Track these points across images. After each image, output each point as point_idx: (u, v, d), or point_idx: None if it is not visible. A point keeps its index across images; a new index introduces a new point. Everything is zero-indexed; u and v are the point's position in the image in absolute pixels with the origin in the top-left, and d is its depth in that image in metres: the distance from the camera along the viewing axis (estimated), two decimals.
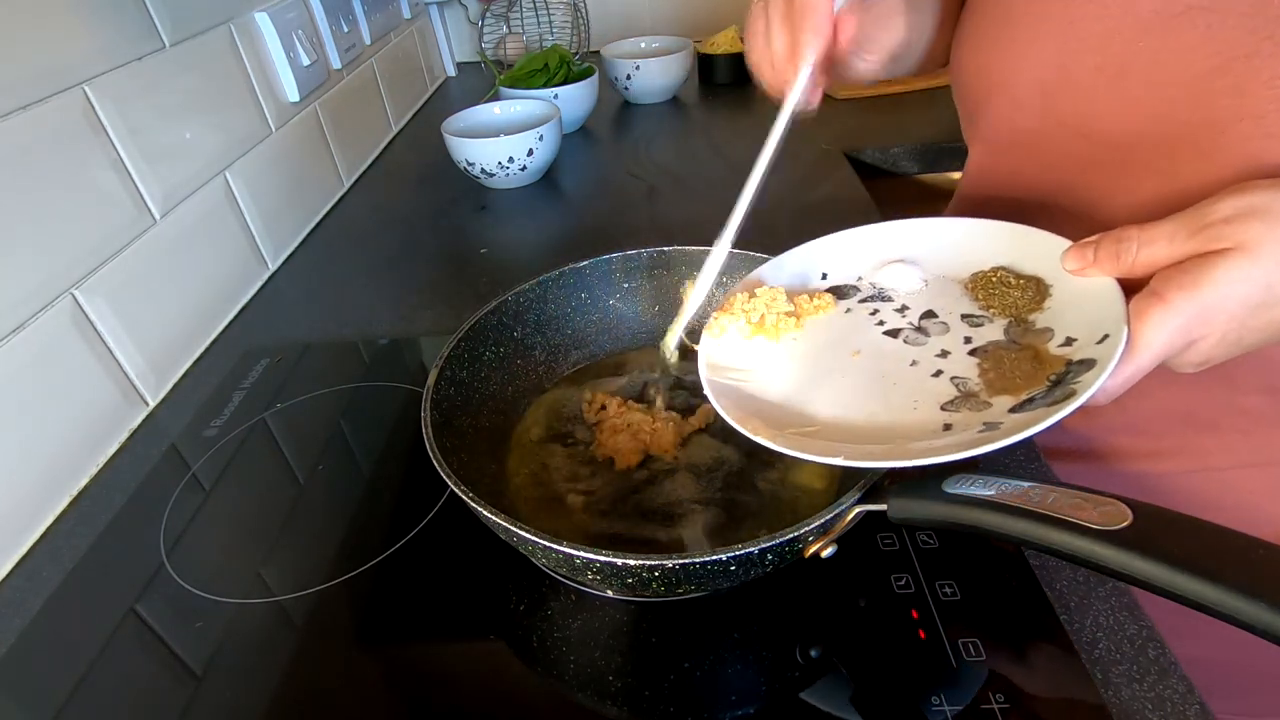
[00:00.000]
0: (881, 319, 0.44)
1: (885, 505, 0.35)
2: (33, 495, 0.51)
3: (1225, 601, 0.25)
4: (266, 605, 0.44)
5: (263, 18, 0.80)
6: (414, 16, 1.26)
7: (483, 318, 0.51)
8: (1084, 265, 0.36)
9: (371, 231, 0.89)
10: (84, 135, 0.56)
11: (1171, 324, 0.31)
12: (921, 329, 0.42)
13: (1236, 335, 0.32)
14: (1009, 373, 0.37)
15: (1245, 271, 0.30)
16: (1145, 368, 0.32)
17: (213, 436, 0.57)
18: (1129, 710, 0.35)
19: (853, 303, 0.46)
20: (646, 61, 1.14)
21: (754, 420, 0.38)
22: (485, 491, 0.38)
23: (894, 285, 0.45)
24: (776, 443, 0.35)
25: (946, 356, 0.40)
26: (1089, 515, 0.29)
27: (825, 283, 0.48)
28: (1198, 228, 0.32)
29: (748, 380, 0.42)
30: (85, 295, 0.55)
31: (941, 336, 0.41)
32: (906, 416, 0.37)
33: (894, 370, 0.40)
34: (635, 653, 0.39)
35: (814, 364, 0.43)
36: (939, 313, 0.43)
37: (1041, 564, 0.42)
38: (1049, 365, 0.36)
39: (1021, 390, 0.36)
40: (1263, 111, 0.36)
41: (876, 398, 0.39)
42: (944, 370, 0.39)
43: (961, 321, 0.41)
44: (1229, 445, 0.46)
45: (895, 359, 0.41)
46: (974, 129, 0.54)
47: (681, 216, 0.85)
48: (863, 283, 0.47)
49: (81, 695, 0.40)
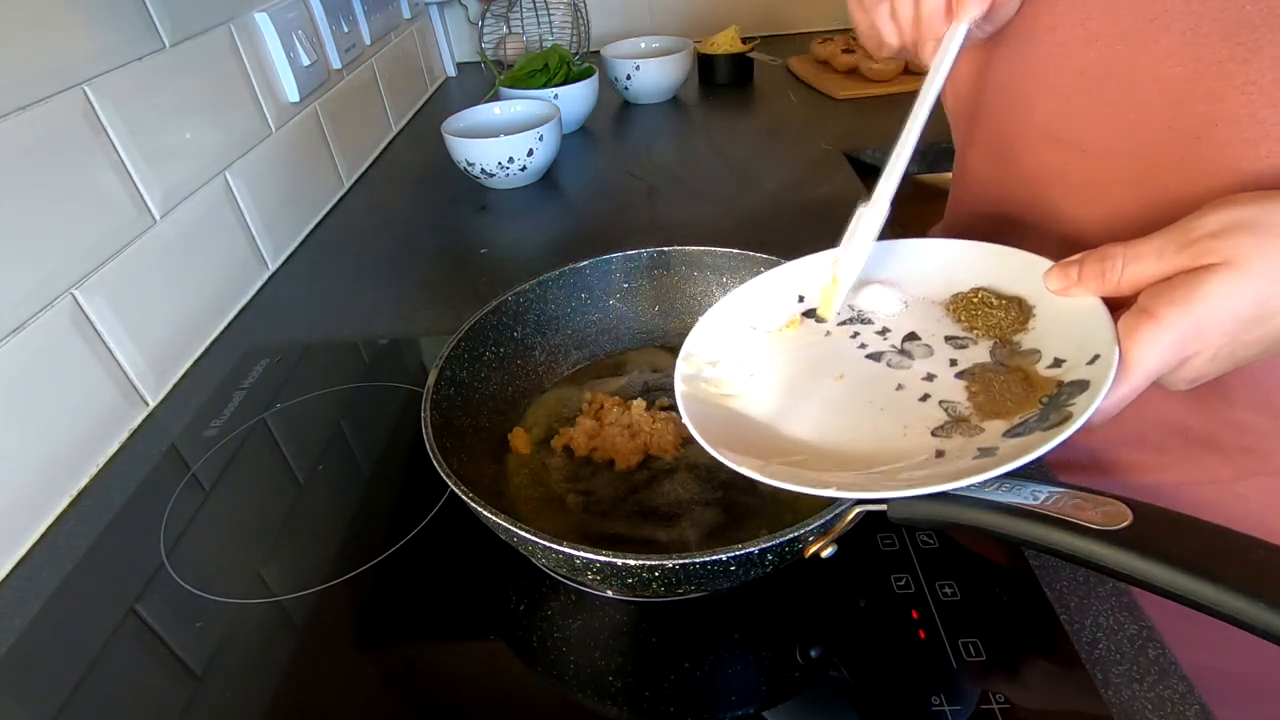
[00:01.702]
0: (863, 342, 0.43)
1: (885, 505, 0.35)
2: (33, 495, 0.51)
3: (1225, 601, 0.25)
4: (266, 605, 0.44)
5: (263, 18, 0.80)
6: (414, 16, 1.26)
7: (483, 318, 0.51)
8: (1068, 285, 0.36)
9: (371, 231, 0.89)
10: (84, 135, 0.56)
11: (1164, 341, 0.31)
12: (905, 351, 0.41)
13: (1229, 351, 0.32)
14: (999, 396, 0.36)
15: (1236, 286, 0.30)
16: (1139, 387, 0.32)
17: (213, 436, 0.57)
18: (1129, 710, 0.35)
19: (832, 325, 0.45)
20: (646, 61, 1.14)
21: (737, 447, 0.37)
22: (485, 491, 0.38)
23: (874, 307, 0.44)
24: (763, 474, 0.34)
25: (933, 380, 0.39)
26: (1089, 515, 0.29)
27: (802, 305, 0.46)
28: (1185, 243, 0.31)
29: (729, 403, 0.42)
30: (85, 295, 0.55)
31: (926, 359, 0.40)
32: (896, 443, 0.36)
33: (880, 395, 0.39)
34: (635, 653, 0.39)
35: (796, 388, 0.42)
36: (921, 335, 0.42)
37: (1041, 564, 0.42)
38: (1040, 388, 0.35)
39: (1014, 414, 0.35)
40: (1237, 117, 0.36)
41: (864, 423, 0.38)
42: (931, 394, 0.38)
43: (945, 343, 0.41)
44: (1229, 458, 0.46)
45: (880, 383, 0.40)
46: (963, 135, 0.54)
47: (681, 216, 0.85)
48: (841, 305, 0.45)
49: (81, 695, 0.40)
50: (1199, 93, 0.37)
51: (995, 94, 0.47)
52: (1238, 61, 0.35)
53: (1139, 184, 0.41)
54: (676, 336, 0.58)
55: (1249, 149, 0.36)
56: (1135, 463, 0.50)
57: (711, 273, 0.56)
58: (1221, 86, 0.36)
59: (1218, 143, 0.37)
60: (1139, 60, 0.39)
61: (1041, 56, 0.44)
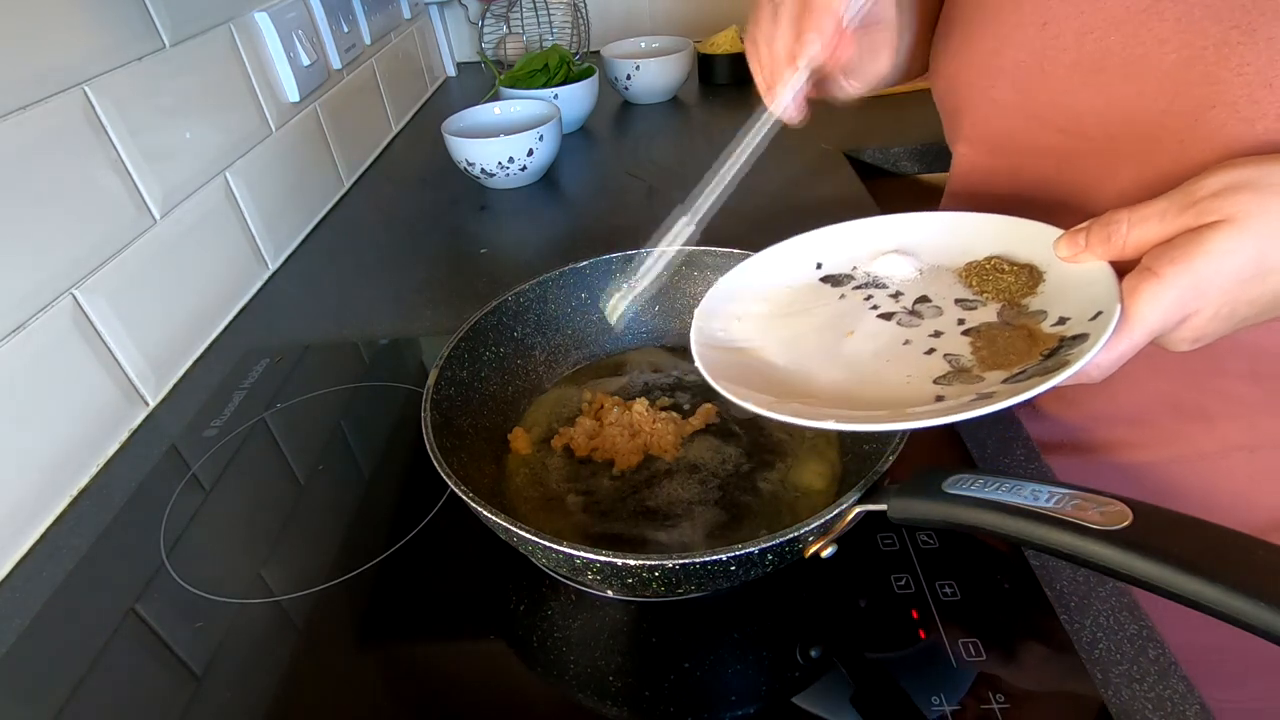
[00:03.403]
0: (876, 303, 0.44)
1: (885, 505, 0.35)
2: (33, 495, 0.51)
3: (1225, 601, 0.25)
4: (266, 605, 0.44)
5: (263, 18, 0.80)
6: (414, 16, 1.26)
7: (483, 318, 0.51)
8: (1076, 251, 0.37)
9: (371, 231, 0.89)
10: (84, 135, 0.56)
11: (1165, 298, 0.31)
12: (915, 312, 0.42)
13: (1230, 309, 0.32)
14: (1002, 349, 0.37)
15: (1236, 243, 0.30)
16: (1139, 343, 0.32)
17: (213, 436, 0.57)
18: (1129, 710, 0.35)
19: (847, 289, 0.46)
20: (646, 61, 1.14)
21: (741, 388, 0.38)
22: (485, 491, 0.38)
23: (889, 274, 0.46)
24: (765, 408, 0.35)
25: (939, 336, 0.40)
26: (1089, 515, 0.29)
27: (820, 272, 0.48)
28: (1187, 204, 0.32)
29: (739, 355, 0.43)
30: (85, 295, 0.55)
31: (935, 319, 0.41)
32: (899, 390, 0.37)
33: (887, 348, 0.40)
34: (635, 653, 0.39)
35: (806, 342, 0.43)
36: (933, 298, 0.43)
37: (1041, 564, 0.42)
38: (1042, 342, 0.36)
39: (1014, 365, 0.36)
40: (1234, 98, 0.36)
41: (869, 373, 0.39)
42: (937, 348, 0.39)
43: (955, 305, 0.42)
44: (1218, 431, 0.47)
45: (889, 338, 0.41)
46: (957, 131, 0.55)
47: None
48: (858, 272, 0.47)
49: (81, 695, 0.40)
50: (1194, 77, 0.37)
51: (993, 88, 0.48)
52: (1231, 45, 0.36)
53: (1140, 166, 0.41)
54: (676, 336, 0.58)
55: (1246, 128, 0.36)
56: (1122, 439, 0.50)
57: (712, 273, 0.56)
58: (1217, 70, 0.37)
59: (1216, 124, 0.37)
60: (1133, 48, 0.40)
61: (1036, 50, 0.44)
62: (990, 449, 0.50)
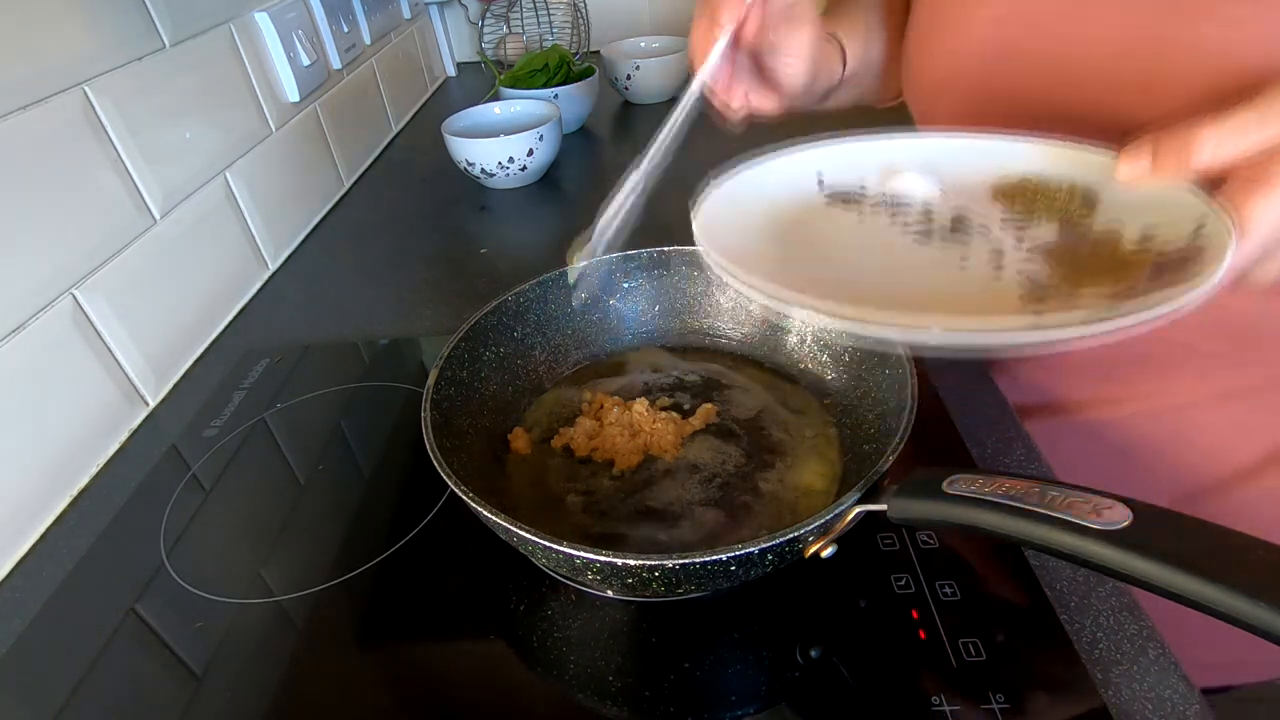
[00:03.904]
0: (905, 222, 0.37)
1: (885, 505, 0.35)
2: (33, 495, 0.51)
3: (1225, 601, 0.25)
4: (266, 605, 0.44)
5: (263, 18, 0.80)
6: (414, 16, 1.26)
7: (483, 318, 0.51)
8: (1140, 174, 0.32)
9: (371, 231, 0.89)
10: (84, 135, 0.56)
11: None
12: (958, 231, 0.36)
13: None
14: (1089, 266, 0.31)
15: None
16: (1251, 255, 0.29)
17: (213, 436, 0.57)
18: (1129, 710, 0.35)
19: (864, 209, 0.39)
20: (646, 61, 1.14)
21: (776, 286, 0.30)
22: (485, 491, 0.38)
23: (908, 191, 0.39)
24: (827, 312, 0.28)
25: (1002, 255, 0.34)
26: (1089, 515, 0.29)
27: (823, 188, 0.41)
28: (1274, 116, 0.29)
29: None
30: (85, 295, 0.55)
31: (985, 238, 0.35)
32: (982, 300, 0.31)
33: (944, 263, 0.33)
34: (635, 653, 0.39)
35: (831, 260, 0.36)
36: (972, 218, 0.36)
37: (1041, 564, 0.42)
38: (1134, 261, 0.31)
39: (1109, 282, 0.30)
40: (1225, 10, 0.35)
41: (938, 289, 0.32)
42: (1005, 266, 0.33)
43: (1003, 225, 0.35)
44: (1187, 384, 0.47)
45: (940, 258, 0.34)
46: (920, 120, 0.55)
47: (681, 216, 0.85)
48: (869, 190, 0.40)
49: (81, 695, 0.40)
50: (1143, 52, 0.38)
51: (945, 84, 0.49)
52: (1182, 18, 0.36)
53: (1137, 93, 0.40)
54: (676, 336, 0.58)
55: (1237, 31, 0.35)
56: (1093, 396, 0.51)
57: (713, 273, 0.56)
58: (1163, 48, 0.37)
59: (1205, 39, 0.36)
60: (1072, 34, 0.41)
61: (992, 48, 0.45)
62: (990, 449, 0.50)
